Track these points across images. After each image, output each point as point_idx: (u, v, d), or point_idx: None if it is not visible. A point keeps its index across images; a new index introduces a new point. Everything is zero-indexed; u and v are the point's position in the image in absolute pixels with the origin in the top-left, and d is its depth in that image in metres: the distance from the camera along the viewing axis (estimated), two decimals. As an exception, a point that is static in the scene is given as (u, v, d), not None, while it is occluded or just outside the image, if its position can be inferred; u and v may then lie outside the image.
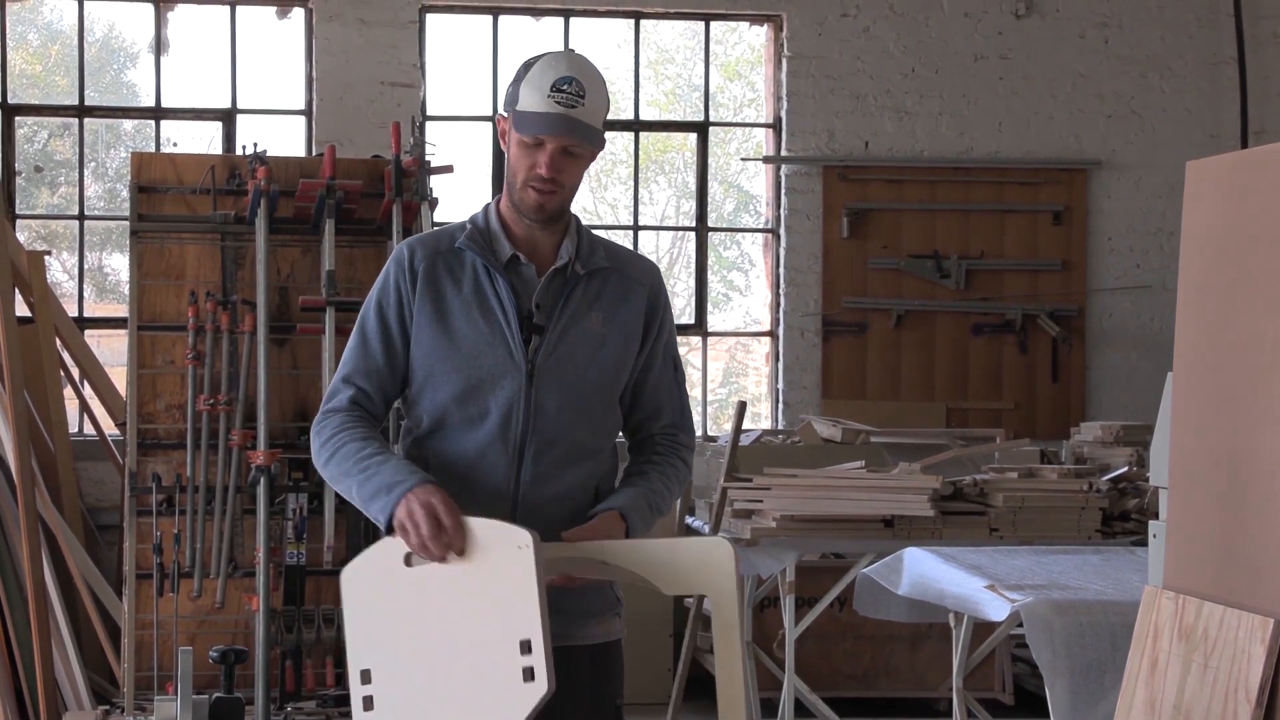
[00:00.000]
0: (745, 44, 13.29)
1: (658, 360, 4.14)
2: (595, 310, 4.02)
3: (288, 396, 8.58)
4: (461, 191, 11.34)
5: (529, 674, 3.43)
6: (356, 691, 3.58)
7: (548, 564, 3.53)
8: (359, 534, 8.26)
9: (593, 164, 4.08)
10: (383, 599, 3.59)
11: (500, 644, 3.45)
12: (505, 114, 4.01)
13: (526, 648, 3.46)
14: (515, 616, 3.46)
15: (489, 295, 3.95)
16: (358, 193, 8.42)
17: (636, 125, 11.46)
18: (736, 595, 3.22)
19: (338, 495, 7.90)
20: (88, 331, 10.47)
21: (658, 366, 4.14)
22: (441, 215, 8.66)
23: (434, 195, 8.53)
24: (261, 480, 7.96)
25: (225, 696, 7.62)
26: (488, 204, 4.12)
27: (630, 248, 4.82)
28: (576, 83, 3.89)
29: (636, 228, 11.65)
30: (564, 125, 3.87)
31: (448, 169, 8.70)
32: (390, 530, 3.76)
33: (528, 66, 3.96)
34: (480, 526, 3.54)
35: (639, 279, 4.12)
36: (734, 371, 15.38)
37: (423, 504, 3.65)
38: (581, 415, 3.98)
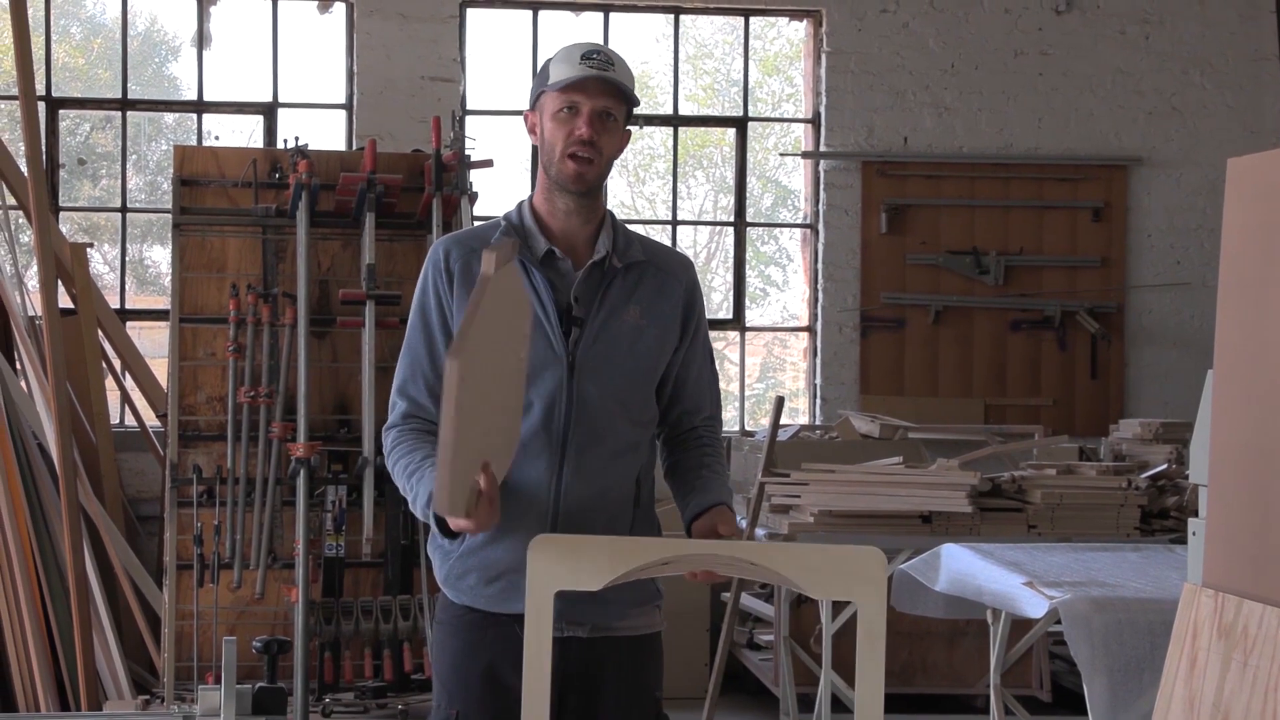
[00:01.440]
0: (784, 39, 13.32)
1: (698, 355, 4.20)
2: (633, 303, 4.05)
3: (327, 389, 8.61)
4: (501, 186, 11.37)
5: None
6: None
7: (695, 560, 3.54)
8: (398, 527, 8.29)
9: (630, 156, 4.14)
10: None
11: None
12: (532, 107, 4.12)
13: (524, 338, 3.60)
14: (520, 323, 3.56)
15: (526, 290, 3.98)
16: (398, 187, 8.44)
17: (675, 120, 11.47)
18: (884, 605, 3.23)
19: (376, 488, 7.99)
20: (129, 323, 10.53)
21: (698, 361, 4.20)
22: (481, 209, 8.69)
23: (474, 189, 8.56)
24: (301, 472, 7.99)
25: (268, 686, 7.64)
26: (521, 201, 4.15)
27: (665, 242, 4.84)
28: (604, 52, 4.00)
29: (675, 222, 11.66)
30: (599, 84, 3.95)
31: (487, 163, 8.72)
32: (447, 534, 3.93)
33: (551, 58, 4.08)
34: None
35: (675, 273, 4.16)
36: (771, 366, 15.39)
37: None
38: (623, 406, 4.01)
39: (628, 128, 4.09)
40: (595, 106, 3.95)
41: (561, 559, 3.29)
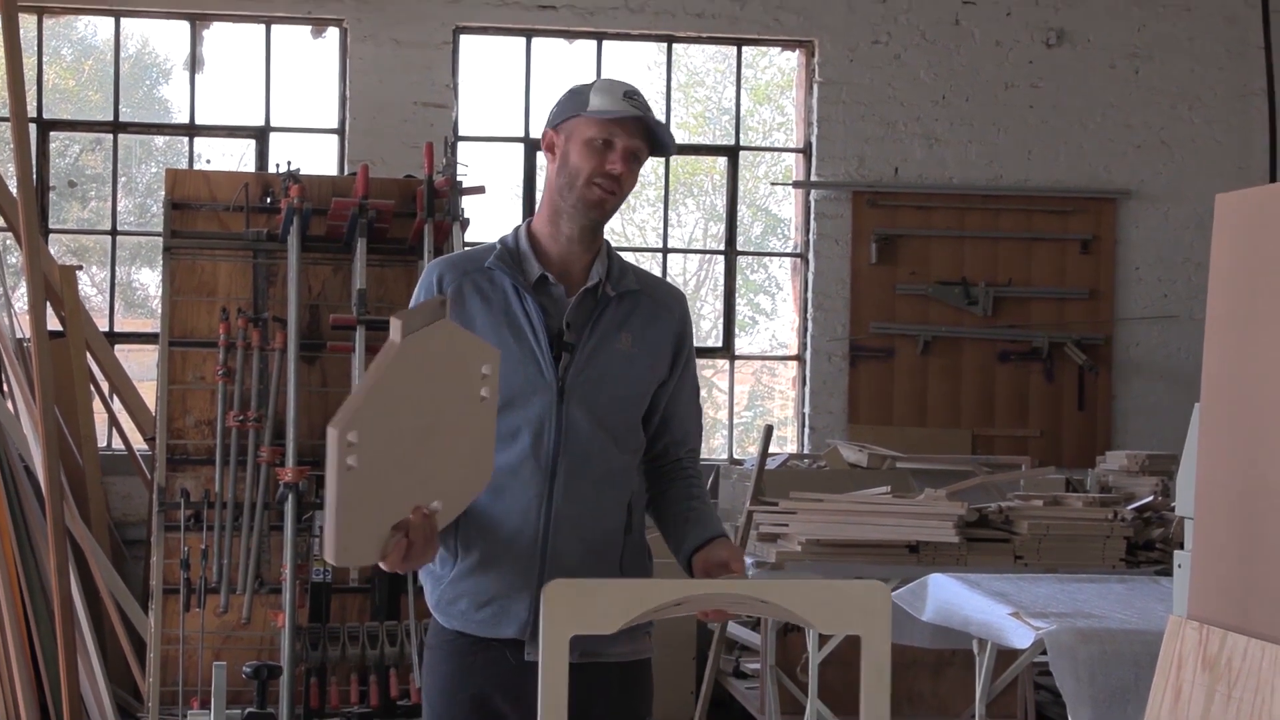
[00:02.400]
0: (776, 68, 13.34)
1: (686, 388, 4.21)
2: (624, 331, 4.05)
3: (317, 414, 8.61)
4: (493, 212, 11.38)
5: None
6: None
7: (707, 599, 3.56)
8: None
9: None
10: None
11: (463, 394, 3.53)
12: (555, 128, 4.06)
13: (484, 378, 3.54)
14: (468, 370, 3.54)
15: (518, 314, 3.98)
16: (390, 212, 8.45)
17: (666, 148, 11.47)
18: (889, 638, 3.28)
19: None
20: (117, 346, 10.52)
21: (686, 395, 4.21)
22: (473, 236, 8.70)
23: (465, 216, 8.56)
24: (289, 497, 7.99)
25: (258, 712, 7.65)
26: (518, 226, 4.16)
27: (657, 273, 4.86)
28: (641, 95, 4.02)
29: (665, 250, 11.67)
30: (641, 127, 3.97)
31: (479, 190, 8.73)
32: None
33: (587, 85, 4.05)
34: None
35: (668, 304, 4.17)
36: (759, 395, 15.39)
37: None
38: (611, 434, 4.02)
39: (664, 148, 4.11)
40: (630, 145, 3.95)
41: (576, 603, 3.31)
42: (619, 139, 3.95)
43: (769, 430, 8.49)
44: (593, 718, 3.99)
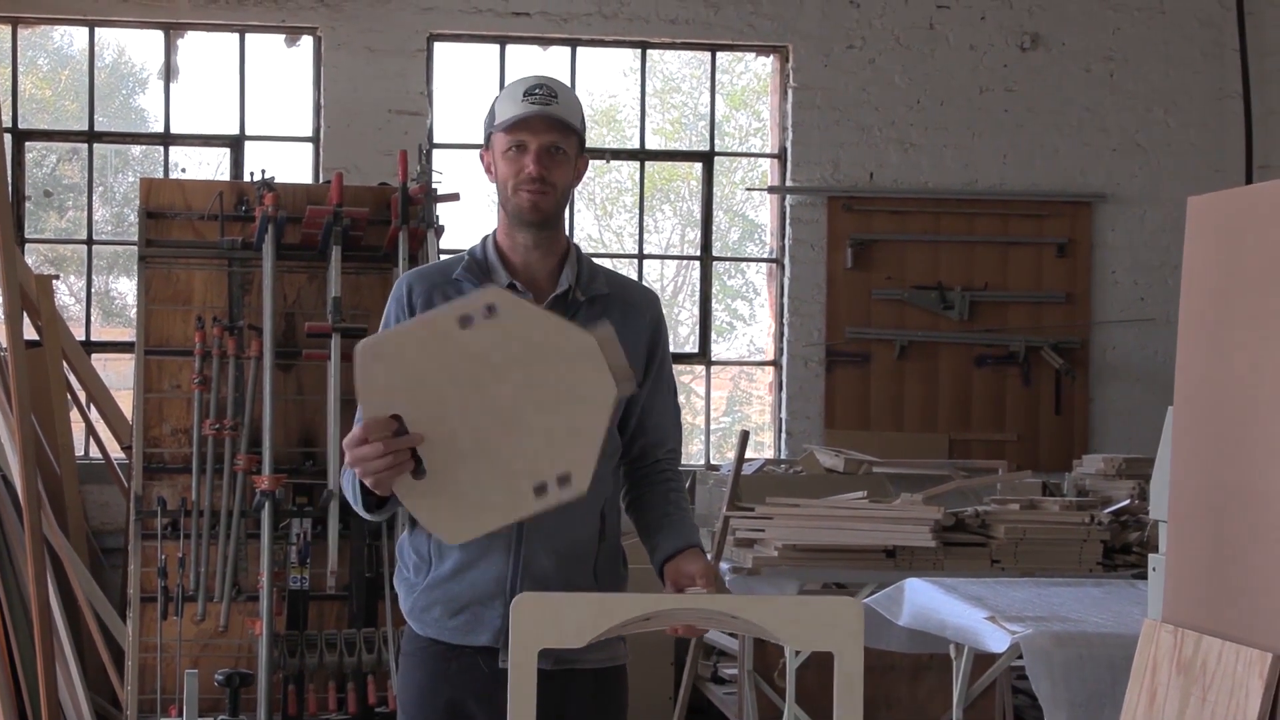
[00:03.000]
0: (751, 73, 13.36)
1: (663, 389, 4.20)
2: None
3: (293, 422, 8.59)
4: (467, 219, 11.38)
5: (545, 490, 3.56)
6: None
7: (676, 614, 3.56)
8: (363, 560, 8.28)
9: (597, 190, 4.14)
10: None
11: (542, 457, 3.54)
12: (486, 146, 4.14)
13: (565, 480, 3.54)
14: (570, 447, 3.53)
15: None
16: (364, 220, 8.44)
17: (642, 154, 11.49)
18: (861, 655, 3.29)
19: (341, 520, 7.97)
20: (94, 355, 10.50)
21: (663, 395, 4.20)
22: (447, 243, 8.69)
23: (440, 223, 8.56)
24: (266, 505, 7.98)
25: (230, 720, 7.65)
26: (485, 236, 4.16)
27: (632, 276, 4.84)
28: (547, 86, 4.02)
29: (641, 256, 11.67)
30: (542, 121, 3.97)
31: (454, 197, 8.72)
32: (371, 506, 3.83)
33: (498, 95, 4.11)
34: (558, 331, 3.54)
35: (640, 307, 4.16)
36: (737, 400, 15.40)
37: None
38: (583, 440, 4.02)
39: (585, 155, 4.10)
40: (542, 143, 3.96)
41: (544, 617, 3.30)
42: (529, 141, 3.97)
43: (745, 435, 8.49)
44: (567, 724, 3.99)
